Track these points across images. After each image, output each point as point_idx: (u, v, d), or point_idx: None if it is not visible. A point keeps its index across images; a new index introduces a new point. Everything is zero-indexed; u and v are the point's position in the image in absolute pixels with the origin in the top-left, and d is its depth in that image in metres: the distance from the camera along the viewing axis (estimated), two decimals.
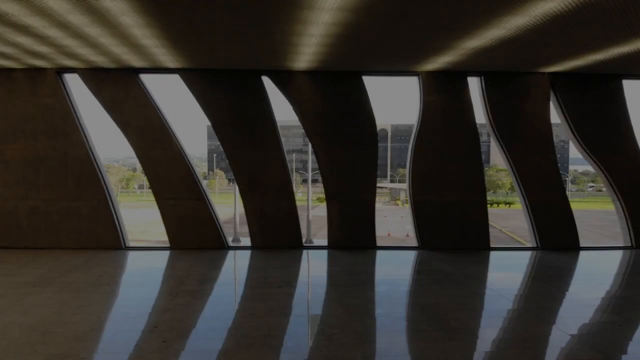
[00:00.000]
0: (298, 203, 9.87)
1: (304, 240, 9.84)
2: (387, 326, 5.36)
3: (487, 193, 9.83)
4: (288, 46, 7.48)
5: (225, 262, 8.57)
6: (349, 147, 9.51)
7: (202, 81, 9.27)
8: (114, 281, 7.24)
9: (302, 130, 10.00)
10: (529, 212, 9.82)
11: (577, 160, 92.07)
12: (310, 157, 26.69)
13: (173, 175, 9.43)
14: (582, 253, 9.61)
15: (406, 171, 10.08)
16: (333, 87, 9.42)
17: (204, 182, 9.70)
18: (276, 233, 9.57)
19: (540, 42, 7.16)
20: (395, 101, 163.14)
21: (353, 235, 9.71)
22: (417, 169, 9.72)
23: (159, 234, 22.07)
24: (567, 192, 9.71)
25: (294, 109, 9.40)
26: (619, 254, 9.76)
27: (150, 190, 9.77)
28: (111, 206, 9.53)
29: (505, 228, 32.27)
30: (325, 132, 9.47)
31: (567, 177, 73.16)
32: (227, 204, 50.91)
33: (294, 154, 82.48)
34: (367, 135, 9.56)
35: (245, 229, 9.83)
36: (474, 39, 7.05)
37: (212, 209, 9.58)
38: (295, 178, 79.56)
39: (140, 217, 36.11)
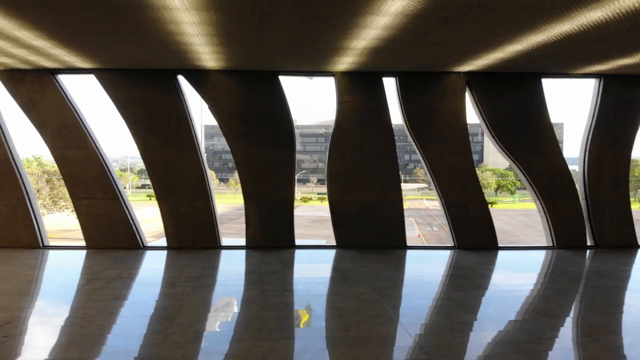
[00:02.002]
0: None
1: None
2: (227, 325, 5.37)
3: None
4: (180, 45, 7.49)
5: (128, 262, 8.56)
6: (265, 147, 9.52)
7: (116, 81, 9.29)
8: None
9: (297, 131, 10.04)
10: (445, 212, 9.80)
11: (576, 160, 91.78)
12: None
13: (88, 174, 9.46)
14: (500, 253, 9.57)
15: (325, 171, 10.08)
16: (248, 86, 9.43)
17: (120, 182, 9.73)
18: (191, 233, 9.60)
19: (427, 40, 7.13)
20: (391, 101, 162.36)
21: (271, 235, 9.71)
22: (334, 169, 9.71)
23: None
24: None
25: (209, 107, 9.42)
26: (536, 254, 9.71)
27: (140, 191, 9.80)
28: (29, 205, 9.59)
29: None
30: (241, 131, 9.48)
31: None
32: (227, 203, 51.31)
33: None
34: (284, 134, 9.56)
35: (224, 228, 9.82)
36: (358, 40, 7.05)
37: (128, 208, 9.62)
38: None
39: None
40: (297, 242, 9.91)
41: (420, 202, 57.50)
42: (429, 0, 5.43)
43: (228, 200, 53.98)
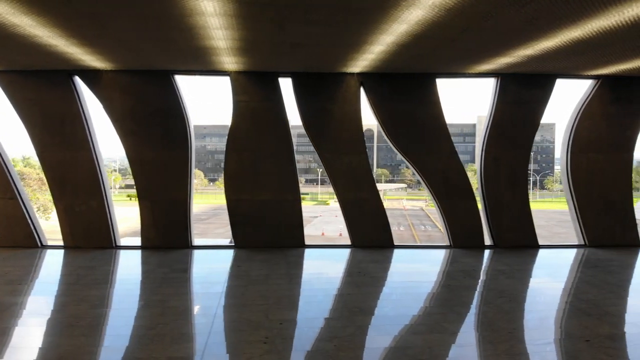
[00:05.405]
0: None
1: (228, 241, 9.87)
2: (63, 324, 5.46)
3: None
4: (46, 47, 7.52)
5: (11, 261, 8.66)
6: (158, 146, 9.60)
7: (15, 82, 9.40)
8: None
9: (294, 131, 10.12)
10: (342, 211, 9.84)
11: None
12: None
13: None
14: (395, 251, 9.59)
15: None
16: (142, 86, 9.49)
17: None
18: (86, 233, 9.70)
19: (281, 41, 7.16)
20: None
21: (166, 235, 9.80)
22: (231, 169, 9.79)
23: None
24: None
25: (103, 107, 9.50)
26: (427, 253, 9.77)
27: (122, 191, 9.87)
28: None
29: None
30: (134, 130, 9.55)
31: (552, 175, 72.41)
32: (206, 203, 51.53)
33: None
34: (178, 134, 9.64)
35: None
36: (214, 40, 7.06)
37: (26, 207, 9.74)
38: None
39: None
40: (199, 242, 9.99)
41: (400, 202, 58.14)
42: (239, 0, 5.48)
43: (209, 201, 54.29)
